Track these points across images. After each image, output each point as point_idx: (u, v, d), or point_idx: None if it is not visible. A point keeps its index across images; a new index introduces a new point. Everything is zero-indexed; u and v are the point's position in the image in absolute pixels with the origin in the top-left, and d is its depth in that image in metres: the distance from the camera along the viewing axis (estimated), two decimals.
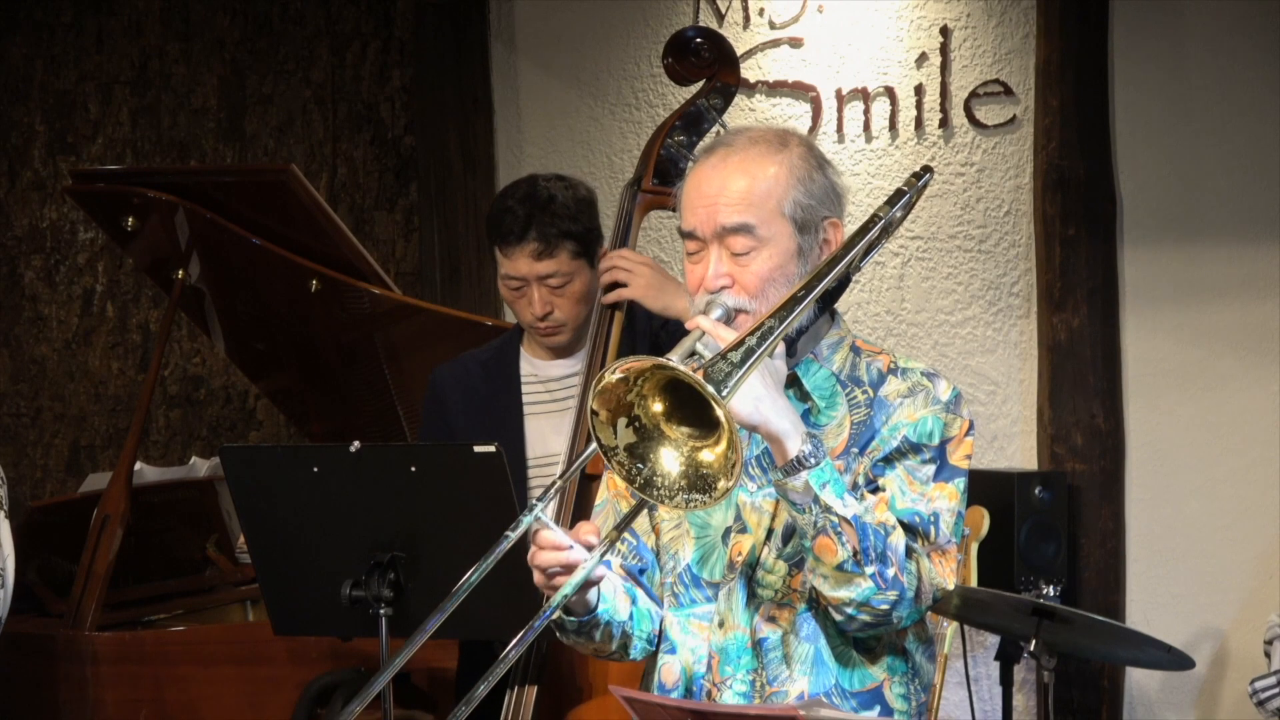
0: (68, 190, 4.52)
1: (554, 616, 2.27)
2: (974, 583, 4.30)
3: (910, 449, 2.32)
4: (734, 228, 2.31)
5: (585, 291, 3.35)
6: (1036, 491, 4.67)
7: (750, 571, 2.36)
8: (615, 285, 3.30)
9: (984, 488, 4.68)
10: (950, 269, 5.07)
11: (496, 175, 5.48)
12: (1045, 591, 4.35)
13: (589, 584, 2.27)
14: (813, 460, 2.19)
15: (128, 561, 4.06)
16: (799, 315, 2.19)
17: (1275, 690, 3.85)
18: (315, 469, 2.95)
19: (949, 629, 4.25)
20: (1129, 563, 4.93)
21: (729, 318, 2.28)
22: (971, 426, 2.37)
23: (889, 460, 2.32)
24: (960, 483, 2.34)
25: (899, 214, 2.46)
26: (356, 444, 2.91)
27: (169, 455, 5.70)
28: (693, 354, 2.16)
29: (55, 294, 5.84)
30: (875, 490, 2.30)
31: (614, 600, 2.38)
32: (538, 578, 2.26)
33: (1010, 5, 5.00)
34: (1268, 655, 3.99)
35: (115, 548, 3.93)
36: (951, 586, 2.32)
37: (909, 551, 2.26)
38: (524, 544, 2.48)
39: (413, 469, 2.88)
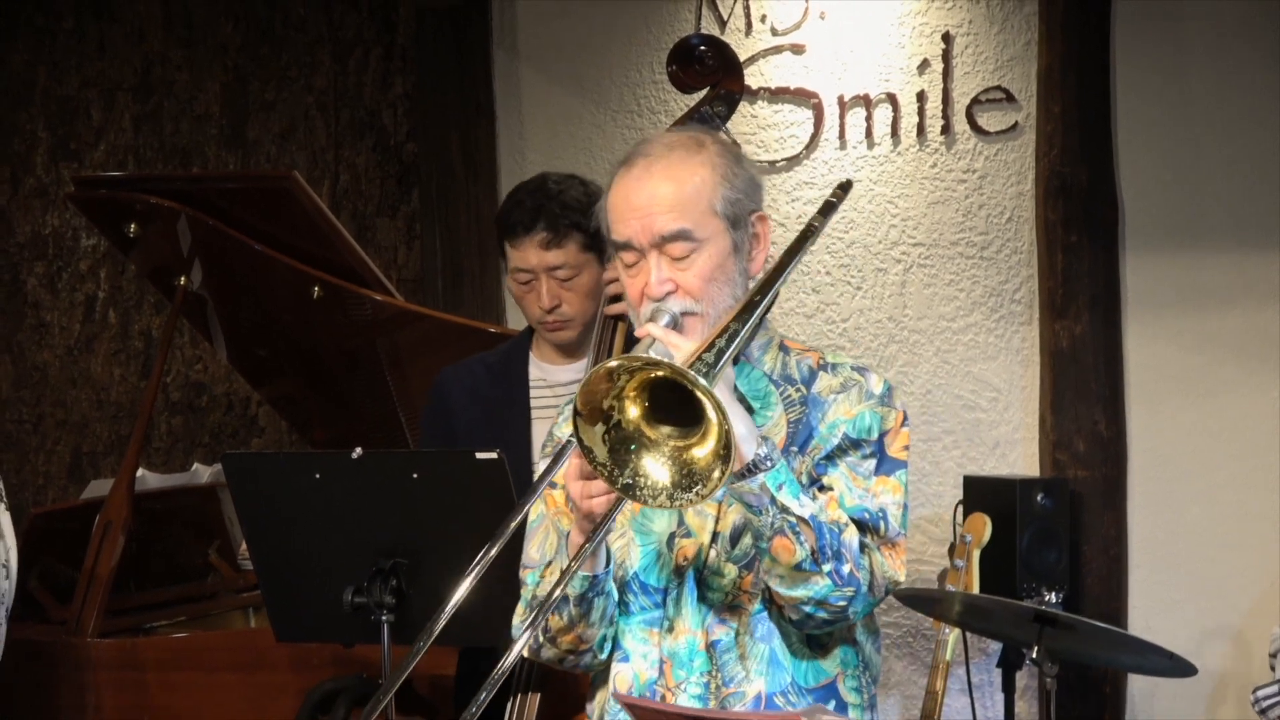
0: (70, 197, 4.52)
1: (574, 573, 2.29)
2: (976, 589, 4.30)
3: (851, 445, 2.35)
4: (672, 235, 2.33)
5: (593, 286, 3.34)
6: (1039, 498, 4.67)
7: (698, 575, 2.37)
8: (620, 297, 3.30)
9: (986, 494, 4.69)
10: (952, 275, 5.06)
11: (499, 181, 5.48)
12: (1047, 598, 4.35)
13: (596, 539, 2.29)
14: (769, 463, 2.21)
15: (130, 568, 4.07)
16: (760, 318, 2.24)
17: (1277, 699, 3.84)
18: (317, 475, 2.95)
19: (950, 635, 4.25)
20: (1131, 569, 4.92)
21: (676, 323, 2.30)
22: (906, 418, 2.40)
23: (831, 458, 2.35)
24: (901, 475, 2.37)
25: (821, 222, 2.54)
26: (359, 450, 2.91)
27: (171, 462, 5.71)
28: None
29: (57, 301, 5.85)
30: (821, 489, 2.33)
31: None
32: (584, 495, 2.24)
33: (1012, 12, 5.00)
34: (1273, 669, 3.98)
35: (117, 554, 3.93)
36: (903, 579, 2.35)
37: (862, 547, 2.29)
38: (520, 547, 2.48)
39: (415, 475, 2.89)
